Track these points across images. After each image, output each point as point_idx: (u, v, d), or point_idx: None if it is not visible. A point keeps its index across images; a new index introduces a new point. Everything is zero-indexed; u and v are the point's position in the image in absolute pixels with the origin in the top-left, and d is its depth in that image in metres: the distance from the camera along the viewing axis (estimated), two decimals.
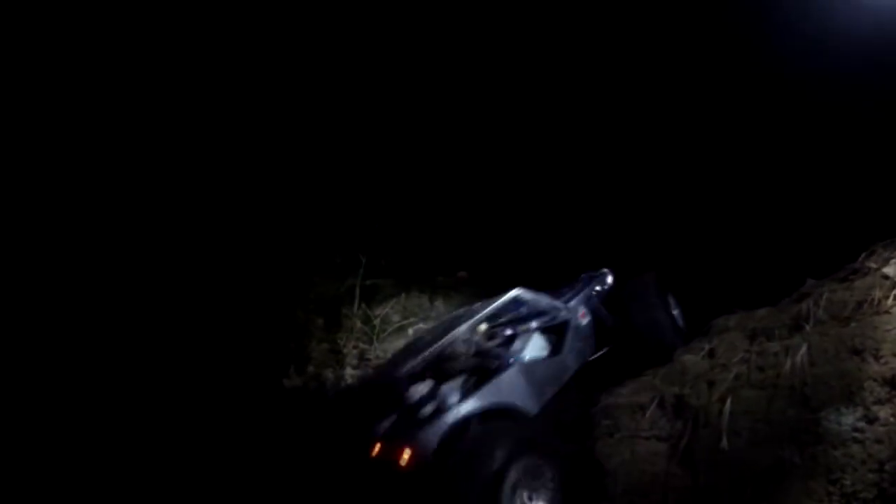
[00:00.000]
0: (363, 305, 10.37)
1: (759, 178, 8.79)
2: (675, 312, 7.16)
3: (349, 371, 9.64)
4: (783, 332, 4.87)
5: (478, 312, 6.27)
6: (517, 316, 6.89)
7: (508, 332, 6.87)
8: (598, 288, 7.43)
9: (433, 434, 5.28)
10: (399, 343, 9.96)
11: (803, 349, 4.38)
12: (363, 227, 11.13)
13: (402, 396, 5.84)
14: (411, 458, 5.10)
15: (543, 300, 6.72)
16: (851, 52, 6.91)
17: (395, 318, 10.37)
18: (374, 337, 10.02)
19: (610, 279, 7.54)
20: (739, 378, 4.76)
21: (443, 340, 5.93)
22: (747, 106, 8.90)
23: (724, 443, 4.46)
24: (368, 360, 9.75)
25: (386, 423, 5.80)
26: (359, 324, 10.15)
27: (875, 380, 3.97)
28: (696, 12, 9.16)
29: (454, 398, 5.81)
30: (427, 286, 10.81)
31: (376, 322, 10.23)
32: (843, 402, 4.00)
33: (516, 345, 6.64)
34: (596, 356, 6.96)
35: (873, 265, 4.92)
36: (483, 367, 6.25)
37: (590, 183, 10.83)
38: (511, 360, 6.23)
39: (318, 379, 9.63)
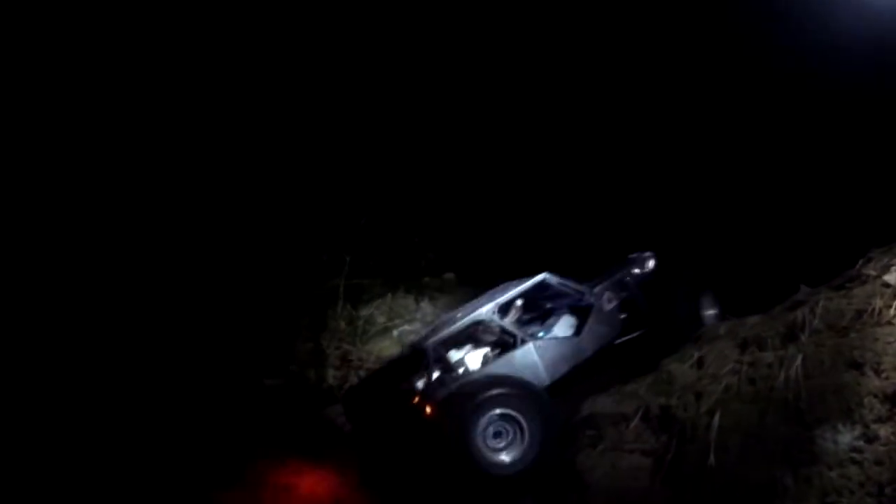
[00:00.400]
0: (348, 306, 10.25)
1: (752, 179, 8.64)
2: (712, 312, 7.39)
3: (331, 372, 9.51)
4: (776, 342, 4.60)
5: (507, 291, 7.12)
6: (542, 298, 7.56)
7: (532, 311, 7.58)
8: (636, 271, 7.76)
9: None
10: (384, 344, 9.88)
11: (798, 361, 4.10)
12: (350, 225, 10.97)
13: (442, 360, 6.92)
14: (432, 412, 6.34)
15: (568, 285, 7.34)
16: (851, 53, 6.71)
17: (381, 319, 10.28)
18: (358, 338, 9.88)
19: (651, 263, 7.84)
20: (729, 390, 4.50)
21: (471, 315, 6.92)
22: (744, 108, 8.74)
23: (712, 460, 4.20)
24: (350, 360, 9.62)
25: (424, 382, 6.90)
26: (343, 324, 10.04)
27: (875, 395, 3.68)
28: (700, 13, 9.01)
29: (475, 366, 6.99)
30: (413, 287, 10.68)
31: (360, 323, 10.11)
32: (841, 419, 3.71)
33: (537, 324, 7.42)
34: (625, 339, 7.37)
35: (872, 272, 4.64)
36: (504, 341, 7.06)
37: (575, 184, 10.70)
38: (527, 337, 6.94)
39: (300, 379, 9.50)
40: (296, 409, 9.02)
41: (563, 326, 7.36)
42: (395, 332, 10.15)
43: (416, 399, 6.76)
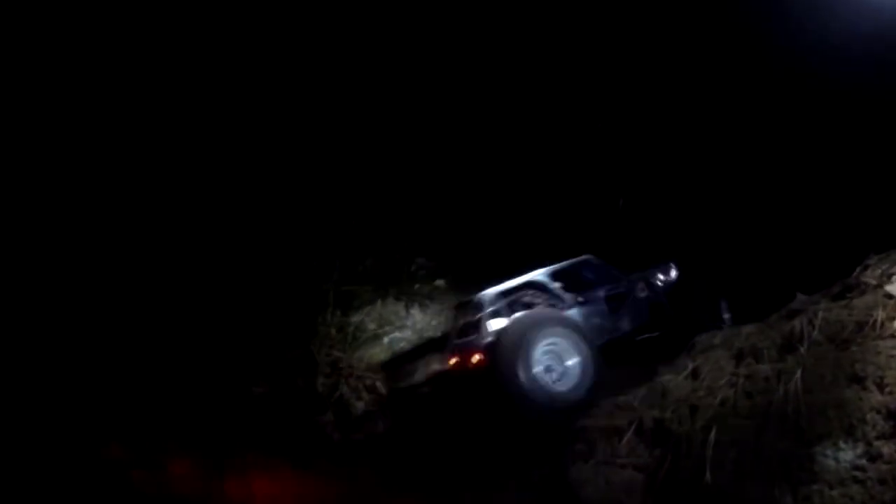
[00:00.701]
0: (338, 312, 10.14)
1: (743, 180, 8.57)
2: (726, 317, 7.87)
3: (321, 379, 9.38)
4: (773, 354, 4.45)
5: (553, 266, 7.82)
6: (586, 277, 8.15)
7: (577, 286, 8.06)
8: (661, 276, 8.39)
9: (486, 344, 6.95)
10: (374, 351, 9.80)
11: (797, 374, 3.95)
12: (342, 230, 10.86)
13: (483, 322, 7.30)
14: (479, 360, 6.86)
15: (609, 269, 8.09)
16: (851, 53, 6.59)
17: (371, 325, 10.20)
18: (348, 345, 9.77)
19: (674, 272, 8.47)
20: (725, 404, 4.34)
21: (526, 276, 7.60)
22: (743, 109, 8.67)
23: (708, 476, 4.05)
24: (340, 368, 9.50)
25: (471, 339, 7.34)
26: (333, 331, 9.92)
27: (878, 411, 3.53)
28: (704, 14, 8.96)
29: None
30: (404, 293, 10.56)
31: (350, 330, 10.01)
32: (842, 436, 3.57)
33: (581, 297, 7.84)
34: (650, 335, 7.84)
35: (872, 281, 4.49)
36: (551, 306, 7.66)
37: (569, 193, 10.61)
38: (574, 303, 7.57)
39: (289, 386, 9.35)
40: (284, 418, 8.89)
41: (597, 302, 7.87)
42: (385, 339, 10.08)
43: (456, 357, 7.25)
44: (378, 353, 9.93)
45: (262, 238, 10.65)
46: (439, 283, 10.86)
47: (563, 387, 6.69)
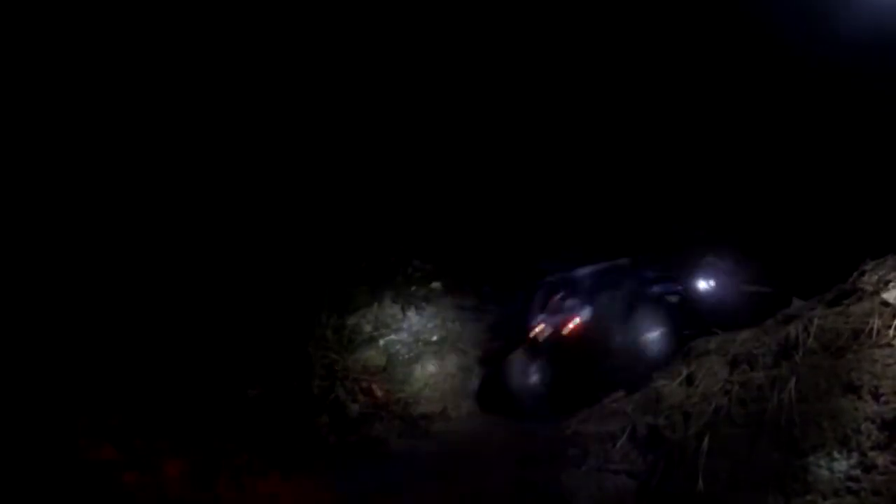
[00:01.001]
0: (334, 315, 10.09)
1: (740, 183, 8.56)
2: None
3: (317, 382, 9.33)
4: (768, 361, 4.38)
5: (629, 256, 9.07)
6: (647, 276, 9.09)
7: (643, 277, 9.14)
8: (701, 283, 9.28)
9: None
10: (370, 354, 9.80)
11: (791, 383, 3.88)
12: (338, 232, 10.80)
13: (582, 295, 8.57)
14: (575, 326, 8.19)
15: (665, 268, 9.11)
16: (849, 57, 6.53)
17: (367, 328, 10.17)
18: (344, 348, 9.72)
19: (712, 281, 9.31)
20: (719, 412, 4.29)
21: (612, 261, 8.85)
22: (736, 113, 8.63)
23: (700, 485, 4.00)
24: (336, 370, 9.45)
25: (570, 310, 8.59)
26: (329, 333, 9.86)
27: (873, 421, 3.46)
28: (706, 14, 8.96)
29: None
30: (400, 296, 10.52)
31: (346, 332, 9.97)
32: (836, 447, 3.51)
33: (656, 286, 8.95)
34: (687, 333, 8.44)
35: (868, 287, 4.42)
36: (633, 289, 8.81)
37: (563, 194, 10.57)
38: (653, 288, 8.75)
39: (284, 389, 9.29)
40: (280, 420, 8.83)
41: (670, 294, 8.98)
42: (381, 342, 10.04)
43: (557, 325, 8.26)
44: (374, 355, 9.89)
45: (258, 240, 10.57)
46: (435, 285, 10.83)
47: (651, 351, 7.77)
